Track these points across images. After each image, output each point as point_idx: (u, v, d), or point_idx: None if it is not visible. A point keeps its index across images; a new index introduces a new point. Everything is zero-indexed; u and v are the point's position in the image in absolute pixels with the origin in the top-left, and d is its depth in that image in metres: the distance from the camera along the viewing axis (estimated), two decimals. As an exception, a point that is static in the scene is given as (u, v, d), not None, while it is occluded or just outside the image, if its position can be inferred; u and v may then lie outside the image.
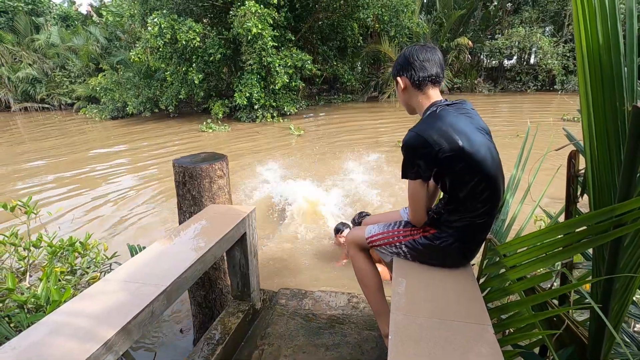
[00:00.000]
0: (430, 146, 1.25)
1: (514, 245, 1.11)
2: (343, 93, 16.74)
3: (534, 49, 16.71)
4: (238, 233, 1.81)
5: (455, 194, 1.32)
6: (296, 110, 12.08)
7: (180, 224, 2.28)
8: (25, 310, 1.84)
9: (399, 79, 1.42)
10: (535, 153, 1.71)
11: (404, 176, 1.37)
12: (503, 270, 1.18)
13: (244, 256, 1.95)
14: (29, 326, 1.73)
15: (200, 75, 10.77)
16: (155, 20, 9.77)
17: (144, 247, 2.66)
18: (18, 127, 13.52)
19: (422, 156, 1.27)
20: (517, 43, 15.49)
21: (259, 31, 9.42)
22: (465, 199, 1.30)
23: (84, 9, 20.59)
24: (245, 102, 10.79)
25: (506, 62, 18.23)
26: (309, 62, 10.97)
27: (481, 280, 1.35)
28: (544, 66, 15.28)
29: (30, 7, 18.37)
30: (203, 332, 2.37)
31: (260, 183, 5.71)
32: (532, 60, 18.11)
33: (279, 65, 10.34)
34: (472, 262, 1.46)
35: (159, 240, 1.63)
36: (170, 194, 5.31)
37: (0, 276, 2.42)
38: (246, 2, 9.46)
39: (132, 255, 2.57)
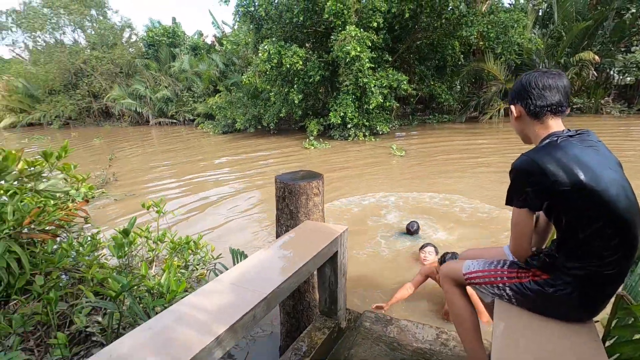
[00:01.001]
0: (544, 175, 1.13)
1: (657, 308, 0.93)
2: (439, 113, 16.07)
3: (687, 62, 13.70)
4: (330, 251, 1.88)
5: (573, 235, 1.16)
6: (388, 130, 12.03)
7: (277, 235, 2.46)
8: (151, 295, 2.19)
9: (512, 107, 1.33)
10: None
11: (508, 202, 1.27)
12: (640, 335, 0.99)
13: (334, 274, 2.01)
14: (153, 309, 2.06)
15: (300, 96, 11.58)
16: (266, 47, 10.90)
17: (243, 252, 2.95)
18: (152, 138, 16.36)
19: (533, 184, 1.16)
20: (663, 56, 12.92)
21: (357, 54, 9.75)
22: (587, 242, 1.13)
23: (209, 40, 24.08)
24: (339, 121, 11.19)
25: (646, 79, 15.28)
26: (404, 82, 10.91)
27: (608, 343, 1.15)
28: (702, 83, 12.38)
29: (170, 40, 22.28)
30: (289, 340, 2.48)
31: (358, 201, 5.79)
32: (684, 76, 14.84)
33: (375, 85, 10.50)
34: (596, 318, 1.25)
35: (262, 249, 1.79)
36: (267, 204, 5.76)
37: (134, 262, 2.94)
38: (347, 27, 9.91)
39: (234, 258, 2.86)
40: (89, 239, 2.75)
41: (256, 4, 11.67)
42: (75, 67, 21.79)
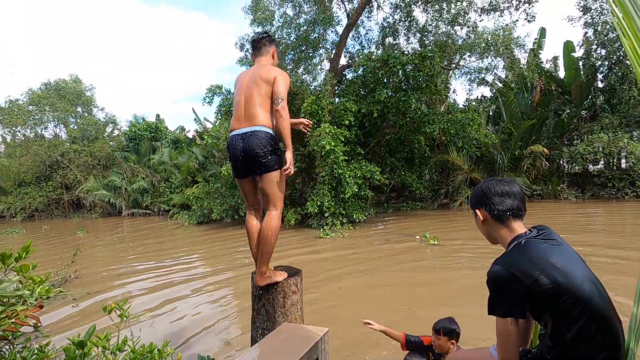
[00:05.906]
0: (519, 281, 1.16)
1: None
2: (412, 201, 16.76)
3: (623, 154, 15.49)
4: (310, 359, 1.73)
5: (561, 336, 1.15)
6: (365, 218, 12.25)
7: (252, 339, 2.27)
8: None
9: (477, 211, 1.42)
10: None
11: (490, 312, 1.26)
12: None
13: (315, 385, 1.82)
14: None
15: (277, 186, 11.87)
16: (245, 141, 11.50)
17: (213, 359, 2.65)
18: (123, 229, 15.74)
19: (511, 292, 1.18)
20: (600, 149, 14.59)
21: (332, 147, 10.45)
22: (576, 342, 1.12)
23: (190, 134, 25.25)
24: (316, 210, 11.37)
25: (591, 167, 16.96)
26: (377, 173, 11.55)
27: None
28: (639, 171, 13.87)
29: (152, 134, 23.21)
30: None
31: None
32: (623, 165, 16.63)
33: (349, 176, 11.04)
34: None
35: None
36: (242, 302, 5.40)
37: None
38: (322, 125, 10.80)
39: (202, 369, 2.55)
40: (36, 351, 2.42)
41: (238, 104, 12.68)
42: (52, 160, 21.80)
